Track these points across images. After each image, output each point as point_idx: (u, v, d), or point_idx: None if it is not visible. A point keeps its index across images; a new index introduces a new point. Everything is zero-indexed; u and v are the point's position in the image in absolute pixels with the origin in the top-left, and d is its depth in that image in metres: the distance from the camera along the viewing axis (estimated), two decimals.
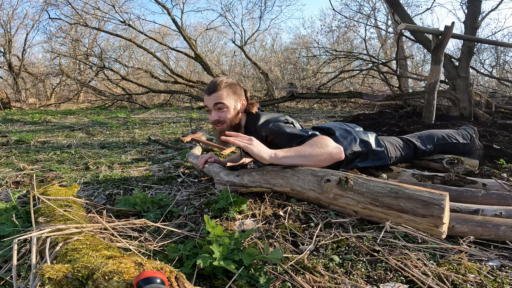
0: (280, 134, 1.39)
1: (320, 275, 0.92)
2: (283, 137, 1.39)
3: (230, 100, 1.44)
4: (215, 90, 1.42)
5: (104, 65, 10.57)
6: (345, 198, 0.94)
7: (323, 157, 1.28)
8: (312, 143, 1.32)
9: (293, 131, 1.40)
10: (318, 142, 1.32)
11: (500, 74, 10.18)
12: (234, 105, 1.46)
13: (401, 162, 1.82)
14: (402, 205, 0.79)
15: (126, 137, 3.67)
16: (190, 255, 0.92)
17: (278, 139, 1.41)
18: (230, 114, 1.44)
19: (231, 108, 1.44)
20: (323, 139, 1.34)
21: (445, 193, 0.76)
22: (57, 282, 0.62)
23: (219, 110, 1.43)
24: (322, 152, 1.28)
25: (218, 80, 1.44)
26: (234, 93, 1.45)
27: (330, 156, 1.30)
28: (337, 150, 1.32)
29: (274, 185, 1.26)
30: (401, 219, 0.82)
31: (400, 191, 0.81)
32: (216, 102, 1.41)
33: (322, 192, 1.00)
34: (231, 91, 1.44)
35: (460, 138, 2.02)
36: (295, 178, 1.13)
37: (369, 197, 0.88)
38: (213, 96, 1.41)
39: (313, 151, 1.28)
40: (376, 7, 11.55)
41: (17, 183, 1.85)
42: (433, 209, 0.74)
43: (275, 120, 1.46)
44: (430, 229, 0.77)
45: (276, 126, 1.42)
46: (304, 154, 1.28)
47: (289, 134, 1.38)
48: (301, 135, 1.39)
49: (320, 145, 1.30)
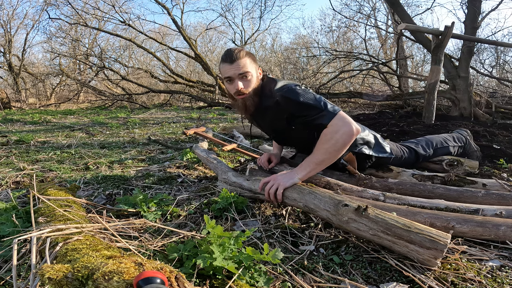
0: (295, 102, 1.35)
1: (320, 275, 0.92)
2: (298, 106, 1.35)
3: (252, 68, 1.40)
4: (239, 58, 1.35)
5: (104, 65, 10.57)
6: (358, 223, 1.02)
7: (338, 150, 1.30)
8: (322, 142, 1.31)
9: (307, 101, 1.34)
10: (328, 134, 1.30)
11: (500, 74, 10.18)
12: (256, 74, 1.43)
13: (402, 165, 1.82)
14: (412, 237, 0.91)
15: (126, 137, 3.67)
16: (190, 255, 0.92)
17: (292, 107, 1.37)
18: (253, 83, 1.41)
19: (254, 76, 1.41)
20: (334, 126, 1.30)
21: (449, 235, 0.91)
22: (57, 282, 0.62)
23: (244, 78, 1.38)
24: (335, 145, 1.28)
25: (237, 49, 1.39)
26: (253, 61, 1.42)
27: (344, 144, 1.30)
28: (350, 131, 1.29)
29: (287, 197, 1.28)
30: (406, 248, 0.93)
31: (412, 226, 0.93)
32: (241, 71, 1.36)
33: (336, 214, 1.07)
34: (251, 59, 1.40)
35: (456, 142, 2.04)
36: (311, 196, 1.19)
37: (383, 226, 0.96)
38: (237, 65, 1.35)
39: (326, 154, 1.30)
40: (376, 7, 11.56)
41: (17, 183, 1.85)
42: (438, 244, 0.88)
43: (291, 86, 1.40)
44: (428, 260, 0.90)
45: (292, 93, 1.37)
46: (319, 161, 1.32)
47: (303, 103, 1.34)
48: (315, 106, 1.33)
49: (331, 137, 1.29)
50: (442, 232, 0.91)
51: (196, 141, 3.12)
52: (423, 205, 1.25)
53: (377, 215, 0.98)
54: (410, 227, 0.92)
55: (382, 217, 0.97)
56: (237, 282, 0.81)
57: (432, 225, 1.08)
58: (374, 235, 0.97)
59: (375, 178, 1.61)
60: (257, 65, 1.45)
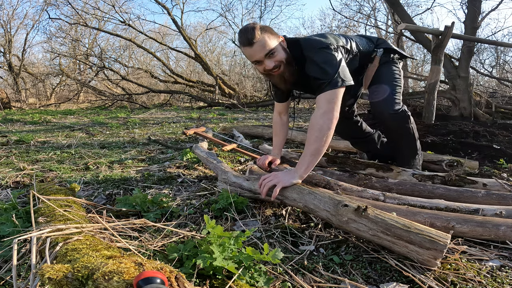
0: (315, 64, 1.36)
1: (320, 275, 0.92)
2: (314, 67, 1.36)
3: (274, 41, 1.35)
4: (257, 39, 1.30)
5: (104, 65, 10.57)
6: (357, 223, 1.02)
7: (328, 137, 1.29)
8: (311, 132, 1.30)
9: (323, 68, 1.33)
10: (315, 126, 1.30)
11: (500, 74, 10.18)
12: (280, 46, 1.37)
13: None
14: (412, 238, 0.91)
15: (126, 137, 3.67)
16: (190, 255, 0.92)
17: (311, 69, 1.37)
18: (282, 54, 1.37)
19: (280, 48, 1.37)
20: (319, 118, 1.30)
21: (449, 235, 0.92)
22: (57, 282, 0.62)
23: (271, 56, 1.35)
24: (324, 135, 1.28)
25: (250, 28, 1.31)
26: (272, 34, 1.35)
27: (330, 133, 1.29)
28: (330, 125, 1.29)
29: (287, 197, 1.28)
30: (406, 248, 0.93)
31: (412, 226, 0.93)
32: (265, 52, 1.32)
33: (336, 214, 1.07)
34: (269, 33, 1.34)
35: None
36: (311, 196, 1.19)
37: (382, 226, 0.96)
38: (258, 46, 1.31)
39: (319, 143, 1.28)
40: (376, 7, 11.57)
41: (17, 183, 1.85)
42: (437, 245, 0.88)
43: (320, 45, 1.39)
44: (428, 260, 0.90)
45: (316, 55, 1.37)
46: (315, 151, 1.29)
47: (321, 69, 1.34)
48: (327, 73, 1.32)
49: (320, 128, 1.29)
50: (442, 232, 0.91)
51: (196, 141, 3.12)
52: (423, 205, 1.25)
53: (376, 216, 0.98)
54: (409, 227, 0.93)
55: (381, 217, 0.97)
56: (237, 282, 0.81)
57: (432, 225, 1.08)
58: (374, 235, 0.98)
59: (375, 178, 1.61)
60: (276, 36, 1.38)
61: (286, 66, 1.39)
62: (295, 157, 2.11)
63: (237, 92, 9.89)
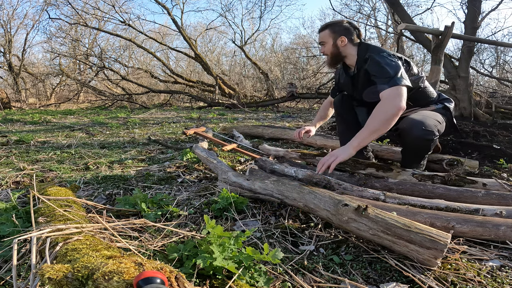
0: (375, 61, 1.57)
1: (320, 275, 0.92)
2: (375, 65, 1.57)
3: (329, 38, 1.74)
4: (321, 31, 1.77)
5: (104, 65, 10.57)
6: (358, 223, 1.02)
7: (391, 121, 1.44)
8: (376, 112, 1.46)
9: (383, 64, 1.53)
10: (381, 108, 1.45)
11: (500, 74, 10.19)
12: (331, 42, 1.74)
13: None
14: (412, 237, 0.91)
15: (126, 137, 3.67)
16: (190, 255, 0.92)
17: (371, 66, 1.59)
18: (329, 49, 1.75)
19: (329, 44, 1.74)
20: (386, 103, 1.45)
21: (449, 235, 0.92)
22: (57, 282, 0.62)
23: (322, 45, 1.78)
24: (388, 118, 1.43)
25: (328, 22, 1.79)
26: (332, 33, 1.73)
27: (393, 118, 1.43)
28: (397, 111, 1.43)
29: (287, 197, 1.29)
30: (406, 248, 0.93)
31: (412, 226, 0.93)
32: (320, 41, 1.79)
33: (336, 213, 1.07)
34: (330, 31, 1.73)
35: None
36: (311, 196, 1.20)
37: (382, 226, 0.96)
38: (319, 36, 1.79)
39: (381, 123, 1.43)
40: (376, 7, 11.57)
41: (17, 183, 1.85)
42: (438, 244, 0.88)
43: (381, 52, 1.63)
44: (428, 260, 0.90)
45: (377, 55, 1.59)
46: (374, 129, 1.45)
47: (379, 64, 1.55)
48: (387, 70, 1.51)
49: (386, 111, 1.44)
50: (442, 232, 0.91)
51: (196, 141, 3.12)
52: (423, 204, 1.25)
53: (377, 215, 0.98)
54: (410, 227, 0.93)
55: (382, 217, 0.97)
56: (237, 282, 0.81)
57: (432, 225, 1.08)
58: (374, 235, 0.98)
59: (375, 178, 1.61)
60: (336, 35, 1.73)
61: (328, 56, 1.78)
62: (295, 157, 2.11)
63: (237, 92, 9.89)
